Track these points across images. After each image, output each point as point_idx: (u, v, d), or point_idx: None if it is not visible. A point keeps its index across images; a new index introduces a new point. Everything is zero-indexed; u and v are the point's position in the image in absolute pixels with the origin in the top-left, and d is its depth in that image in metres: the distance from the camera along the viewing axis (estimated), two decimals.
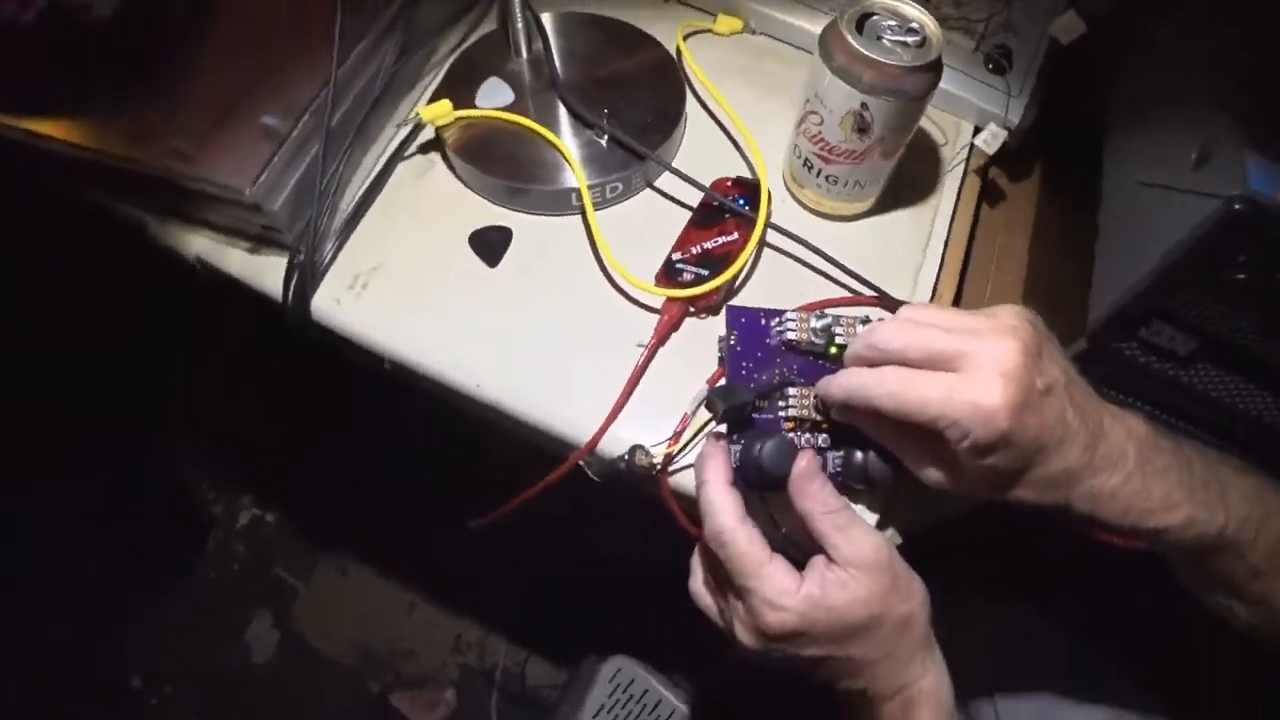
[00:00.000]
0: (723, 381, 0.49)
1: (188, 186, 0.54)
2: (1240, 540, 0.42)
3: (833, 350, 0.48)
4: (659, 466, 0.49)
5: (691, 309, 0.55)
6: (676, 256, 0.55)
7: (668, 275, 0.55)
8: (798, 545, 0.45)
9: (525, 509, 0.51)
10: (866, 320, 0.49)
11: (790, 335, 0.48)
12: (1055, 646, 0.71)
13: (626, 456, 0.49)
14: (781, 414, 0.47)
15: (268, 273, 0.56)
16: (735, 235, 0.56)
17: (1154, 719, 0.64)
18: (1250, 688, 0.63)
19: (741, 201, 0.57)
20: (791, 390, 0.47)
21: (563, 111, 0.60)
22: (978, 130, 0.62)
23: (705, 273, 0.54)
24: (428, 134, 0.62)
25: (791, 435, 0.47)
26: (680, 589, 0.49)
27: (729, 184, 0.58)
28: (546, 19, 0.64)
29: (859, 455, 0.47)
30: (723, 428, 0.47)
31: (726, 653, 0.46)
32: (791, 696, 0.80)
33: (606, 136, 0.58)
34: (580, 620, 1.06)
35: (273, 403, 1.33)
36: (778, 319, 0.49)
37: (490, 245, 0.57)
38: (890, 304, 0.55)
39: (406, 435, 1.18)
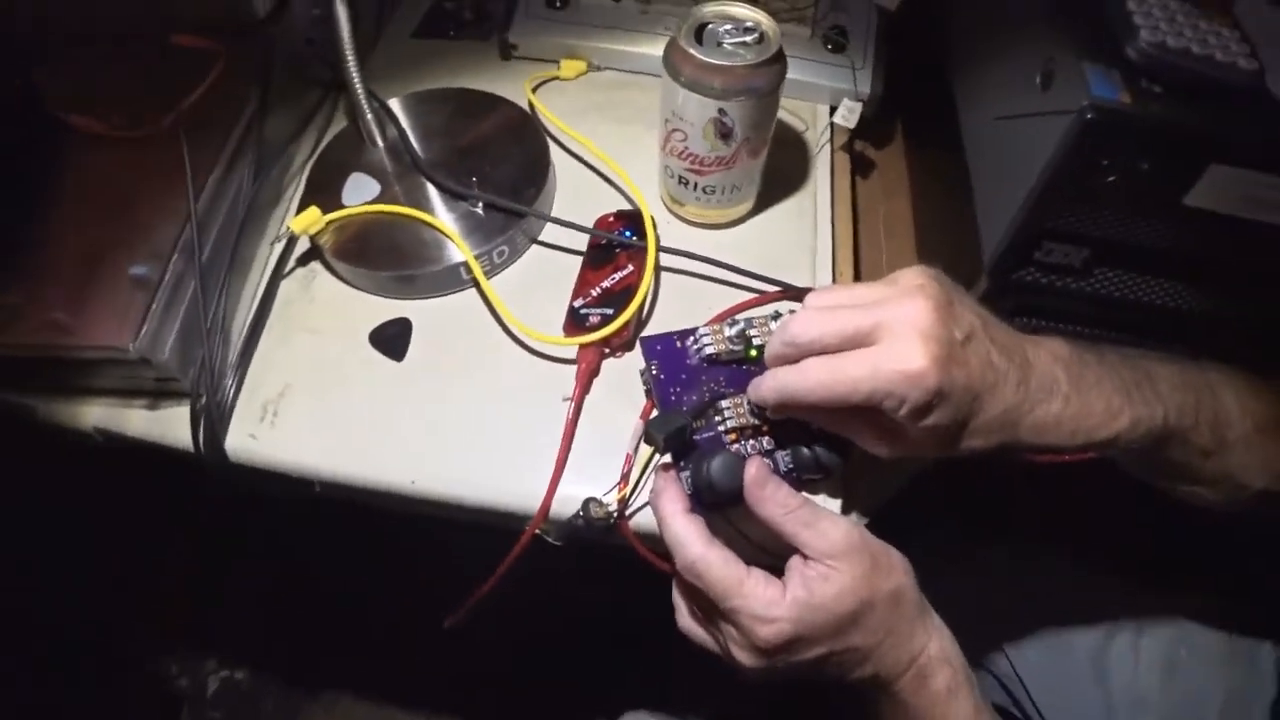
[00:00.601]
0: (655, 413, 0.48)
1: (70, 357, 0.51)
2: (1183, 426, 0.43)
3: (753, 353, 0.48)
4: (615, 514, 0.49)
5: (606, 350, 0.55)
6: (579, 303, 0.55)
7: (575, 323, 0.54)
8: (771, 552, 0.45)
9: (500, 587, 0.50)
10: (777, 315, 0.49)
11: (709, 350, 0.48)
12: (1043, 577, 0.72)
13: (581, 512, 0.48)
14: (721, 429, 0.47)
15: (173, 425, 0.54)
16: (630, 268, 0.56)
17: (1151, 620, 0.65)
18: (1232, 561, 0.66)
19: (628, 233, 0.57)
20: (724, 403, 0.47)
21: (432, 190, 0.60)
22: (834, 110, 0.64)
23: (610, 311, 0.54)
24: (303, 245, 0.60)
25: (736, 446, 0.47)
26: (668, 624, 0.48)
27: (611, 219, 0.59)
28: (394, 104, 0.64)
29: (805, 450, 0.47)
30: (668, 458, 0.46)
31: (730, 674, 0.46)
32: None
33: (481, 204, 0.58)
34: (582, 689, 1.04)
35: (207, 554, 1.27)
36: (692, 338, 0.49)
37: (392, 340, 0.56)
38: (796, 294, 0.56)
39: (357, 552, 1.15)
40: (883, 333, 0.38)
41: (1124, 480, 0.53)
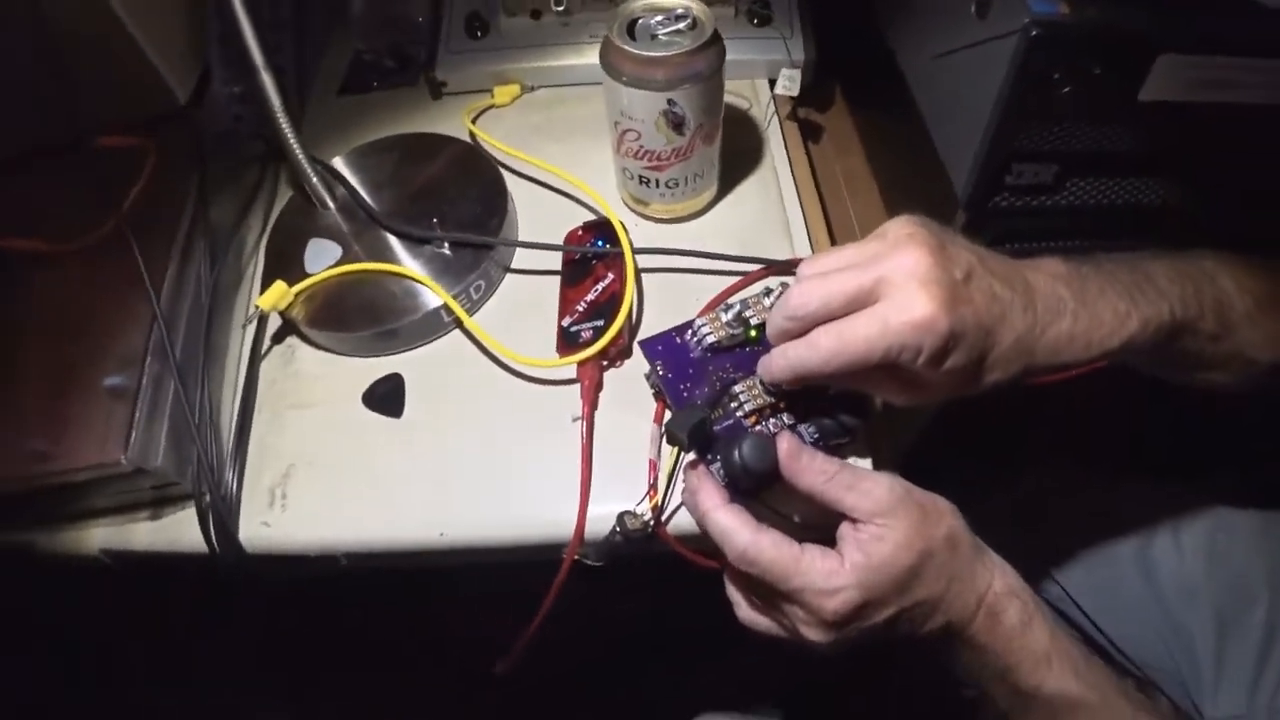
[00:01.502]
0: (669, 413, 0.48)
1: (60, 484, 0.49)
2: (1189, 317, 0.44)
3: (753, 334, 0.48)
4: (652, 522, 0.48)
5: (605, 362, 0.54)
6: (567, 322, 0.54)
7: (567, 342, 0.53)
8: (817, 528, 0.44)
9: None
10: (768, 292, 0.49)
11: (709, 339, 0.48)
12: (1071, 498, 0.72)
13: (617, 528, 0.47)
14: (739, 414, 0.47)
15: (181, 530, 0.52)
16: (610, 276, 0.55)
17: (1186, 515, 0.66)
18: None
19: (600, 242, 0.56)
20: (737, 388, 0.47)
21: (394, 240, 0.59)
22: (773, 83, 0.64)
23: (600, 323, 0.53)
24: (275, 322, 0.59)
25: (758, 428, 0.46)
26: (712, 616, 0.47)
27: (580, 233, 0.58)
28: (338, 163, 0.63)
29: (826, 418, 0.47)
30: (693, 455, 0.46)
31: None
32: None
33: (446, 244, 0.57)
34: (648, 703, 1.01)
35: (242, 662, 1.23)
36: (690, 331, 0.49)
37: (386, 398, 0.55)
38: (780, 267, 0.55)
39: (386, 625, 1.11)
40: (884, 287, 0.38)
41: (1130, 385, 0.53)
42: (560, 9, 0.68)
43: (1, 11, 0.55)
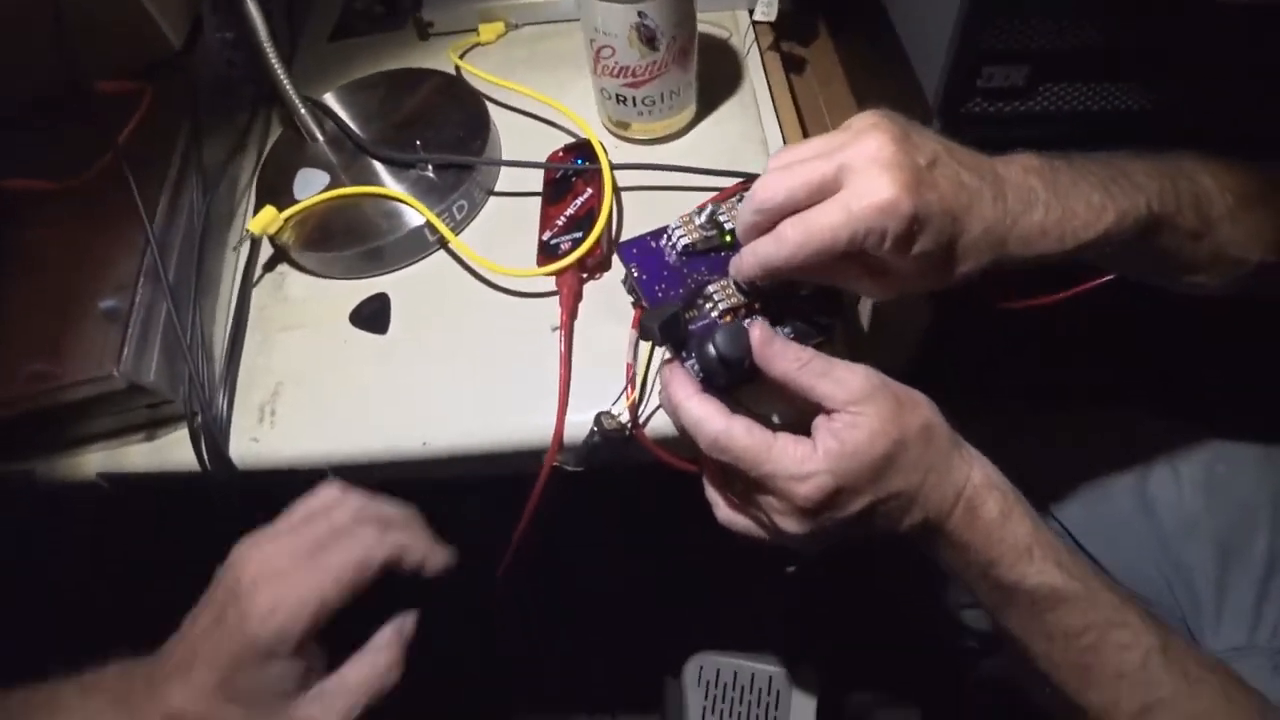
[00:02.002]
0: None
1: (59, 403, 0.51)
2: (1167, 211, 0.43)
3: (727, 238, 0.49)
4: (630, 424, 0.48)
5: (584, 275, 0.55)
6: (547, 236, 0.55)
7: (547, 255, 0.54)
8: (793, 427, 0.44)
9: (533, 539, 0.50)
10: (742, 199, 0.49)
11: (684, 241, 0.48)
12: (1061, 434, 0.72)
13: (595, 428, 0.48)
14: (714, 314, 0.47)
15: (175, 451, 0.53)
16: (589, 191, 0.56)
17: (1182, 447, 0.65)
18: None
19: (580, 161, 0.57)
20: (711, 288, 0.47)
21: (379, 166, 0.60)
22: (752, 11, 0.65)
23: (580, 235, 0.54)
24: (266, 251, 0.61)
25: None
26: (694, 555, 0.47)
27: (561, 154, 0.59)
28: (328, 98, 0.64)
29: (800, 320, 0.47)
30: (668, 355, 0.46)
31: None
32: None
33: (430, 166, 0.58)
34: (637, 650, 1.01)
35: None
36: (665, 235, 0.50)
37: (373, 316, 0.56)
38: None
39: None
40: (847, 174, 0.38)
41: (1120, 315, 0.52)
42: None
43: None
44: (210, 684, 0.40)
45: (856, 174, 0.38)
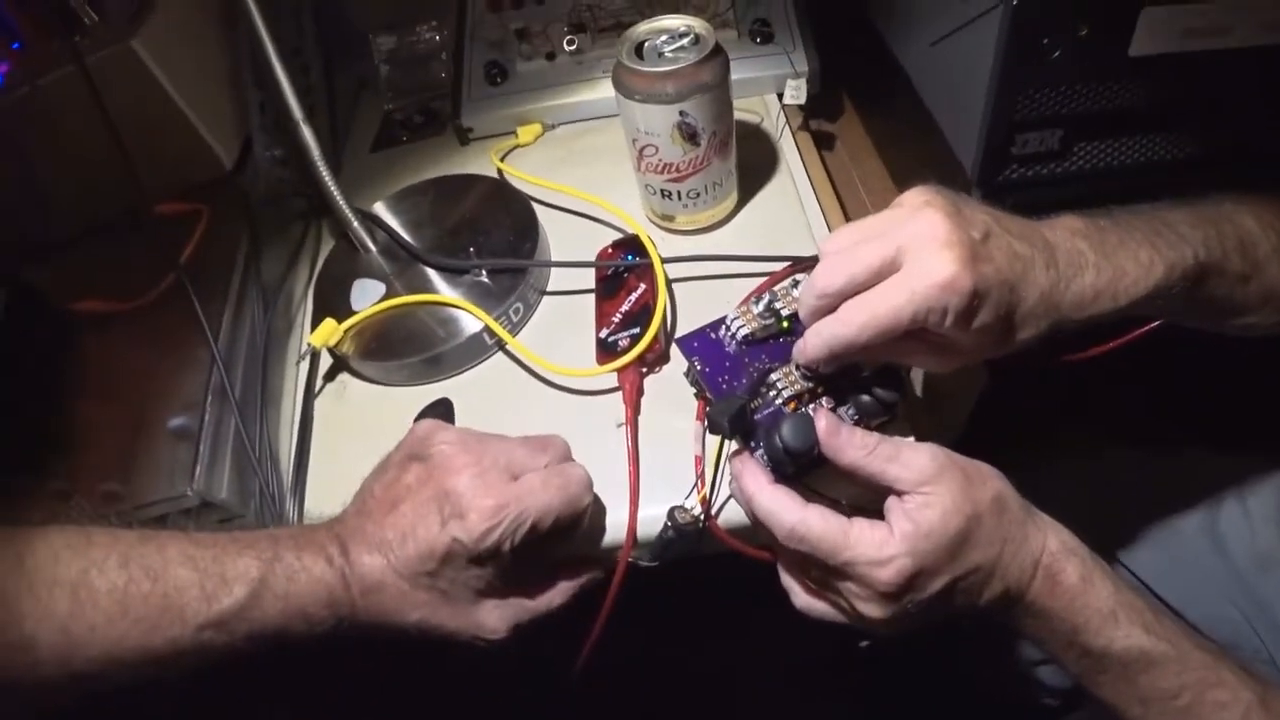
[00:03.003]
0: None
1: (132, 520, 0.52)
2: (1214, 258, 0.44)
3: (784, 324, 0.49)
4: (702, 516, 0.48)
5: (644, 369, 0.55)
6: (604, 333, 0.56)
7: (606, 352, 0.55)
8: (863, 508, 0.44)
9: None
10: (796, 283, 0.50)
11: (743, 331, 0.49)
12: (1126, 478, 0.71)
13: (669, 523, 0.48)
14: (778, 401, 0.47)
15: None
16: (642, 286, 0.57)
17: (1251, 480, 0.64)
18: None
19: (630, 257, 0.58)
20: (774, 376, 0.48)
21: (434, 274, 0.61)
22: (782, 96, 0.67)
23: (636, 330, 0.55)
24: (327, 362, 0.62)
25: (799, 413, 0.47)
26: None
27: (610, 250, 0.60)
28: (378, 208, 0.66)
29: (864, 396, 0.48)
30: (736, 446, 0.47)
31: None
32: None
33: (484, 272, 0.60)
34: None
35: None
36: (724, 326, 0.50)
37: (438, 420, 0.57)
38: (806, 264, 0.56)
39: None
40: (905, 255, 0.39)
41: (1179, 356, 0.52)
42: (572, 49, 0.72)
43: (68, 101, 0.60)
44: (415, 568, 0.43)
45: (915, 253, 0.39)
